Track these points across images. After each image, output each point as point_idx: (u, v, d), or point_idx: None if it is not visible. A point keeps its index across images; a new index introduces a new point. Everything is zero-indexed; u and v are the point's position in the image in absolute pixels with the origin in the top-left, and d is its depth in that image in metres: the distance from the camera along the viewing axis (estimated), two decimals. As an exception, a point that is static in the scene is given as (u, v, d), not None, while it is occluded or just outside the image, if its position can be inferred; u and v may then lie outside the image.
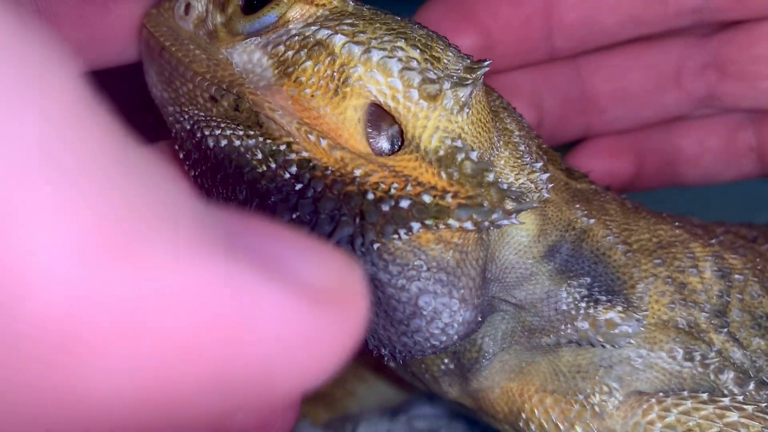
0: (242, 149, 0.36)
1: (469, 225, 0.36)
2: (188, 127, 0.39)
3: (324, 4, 0.38)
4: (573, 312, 0.41)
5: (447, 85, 0.37)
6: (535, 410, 0.43)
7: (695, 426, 0.39)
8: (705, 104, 0.61)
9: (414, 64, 0.37)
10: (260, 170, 0.36)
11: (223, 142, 0.37)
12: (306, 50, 0.37)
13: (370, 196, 0.35)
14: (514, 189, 0.38)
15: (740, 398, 0.40)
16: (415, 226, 0.35)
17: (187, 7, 0.41)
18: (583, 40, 0.58)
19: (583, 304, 0.41)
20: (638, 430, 0.40)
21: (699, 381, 0.42)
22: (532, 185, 0.40)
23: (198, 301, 0.13)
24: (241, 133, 0.37)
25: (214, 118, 0.38)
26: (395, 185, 0.35)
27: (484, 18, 0.55)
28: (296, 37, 0.37)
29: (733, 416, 0.39)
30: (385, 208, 0.35)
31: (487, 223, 0.36)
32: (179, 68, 0.39)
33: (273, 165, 0.36)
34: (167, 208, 0.13)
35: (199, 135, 0.38)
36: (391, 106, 0.36)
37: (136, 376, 0.13)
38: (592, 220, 0.43)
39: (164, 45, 0.39)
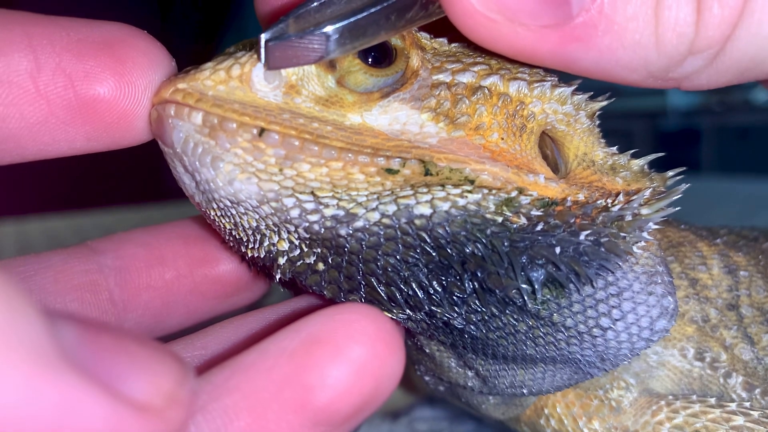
0: (472, 207, 0.33)
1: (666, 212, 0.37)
2: (341, 213, 0.33)
3: (424, 47, 0.36)
4: None
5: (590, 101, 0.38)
6: (557, 405, 0.44)
7: (702, 428, 0.40)
8: None
9: (567, 89, 0.37)
10: (499, 221, 0.33)
11: (443, 206, 0.33)
12: (468, 98, 0.35)
13: (609, 214, 0.35)
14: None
15: (747, 403, 0.41)
16: (650, 225, 0.36)
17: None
18: None
19: None
20: (647, 428, 0.41)
21: (708, 383, 0.42)
22: None
23: (43, 409, 0.19)
24: (456, 192, 0.33)
25: (392, 190, 0.33)
26: (610, 200, 0.36)
27: None
28: (443, 86, 0.35)
29: (739, 420, 0.39)
30: (628, 218, 0.35)
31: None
32: (307, 149, 0.32)
33: (509, 213, 0.34)
34: (20, 333, 0.18)
35: (370, 216, 0.33)
36: (564, 131, 0.38)
37: None
38: None
39: (262, 126, 0.31)
